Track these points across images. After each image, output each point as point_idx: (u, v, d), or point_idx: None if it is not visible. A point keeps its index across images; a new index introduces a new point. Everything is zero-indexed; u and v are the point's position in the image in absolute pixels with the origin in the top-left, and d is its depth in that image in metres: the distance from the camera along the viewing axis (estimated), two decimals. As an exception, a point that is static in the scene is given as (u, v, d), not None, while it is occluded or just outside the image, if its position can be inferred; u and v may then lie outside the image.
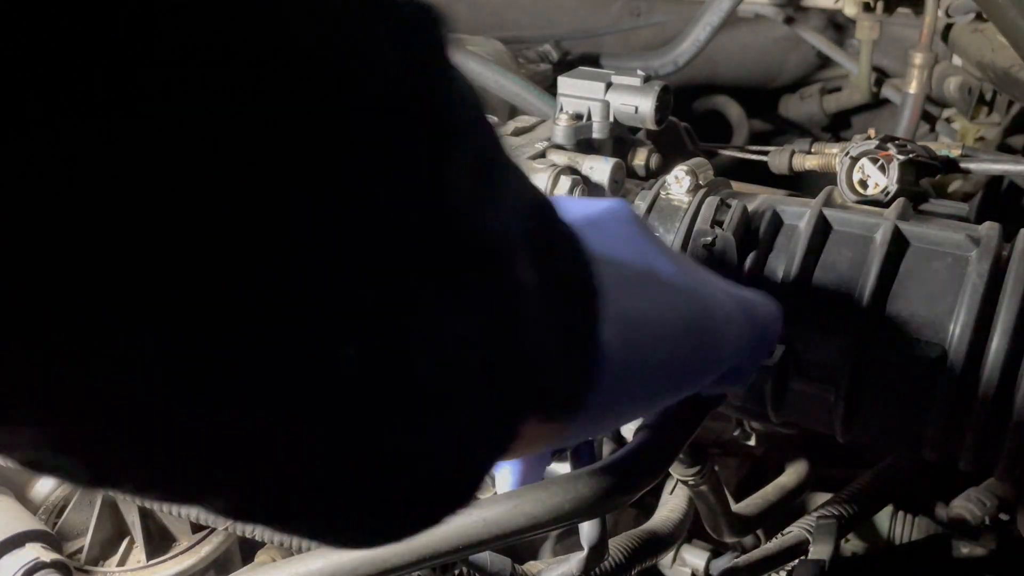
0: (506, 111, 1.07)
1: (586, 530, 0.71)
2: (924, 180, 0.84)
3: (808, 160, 0.97)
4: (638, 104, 0.84)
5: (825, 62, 1.72)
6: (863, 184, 0.80)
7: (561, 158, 0.84)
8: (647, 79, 0.85)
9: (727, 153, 1.11)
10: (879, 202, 0.79)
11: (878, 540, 0.99)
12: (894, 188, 0.79)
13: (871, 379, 0.72)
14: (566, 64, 1.41)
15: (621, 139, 0.89)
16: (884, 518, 1.00)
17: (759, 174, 1.04)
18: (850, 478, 0.90)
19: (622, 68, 0.96)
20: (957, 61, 1.43)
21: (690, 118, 1.10)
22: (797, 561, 0.82)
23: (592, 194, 0.83)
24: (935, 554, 0.89)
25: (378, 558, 0.58)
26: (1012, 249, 0.71)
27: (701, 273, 0.52)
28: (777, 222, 0.78)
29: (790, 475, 1.00)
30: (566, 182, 0.80)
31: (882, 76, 1.60)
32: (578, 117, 0.85)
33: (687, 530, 0.89)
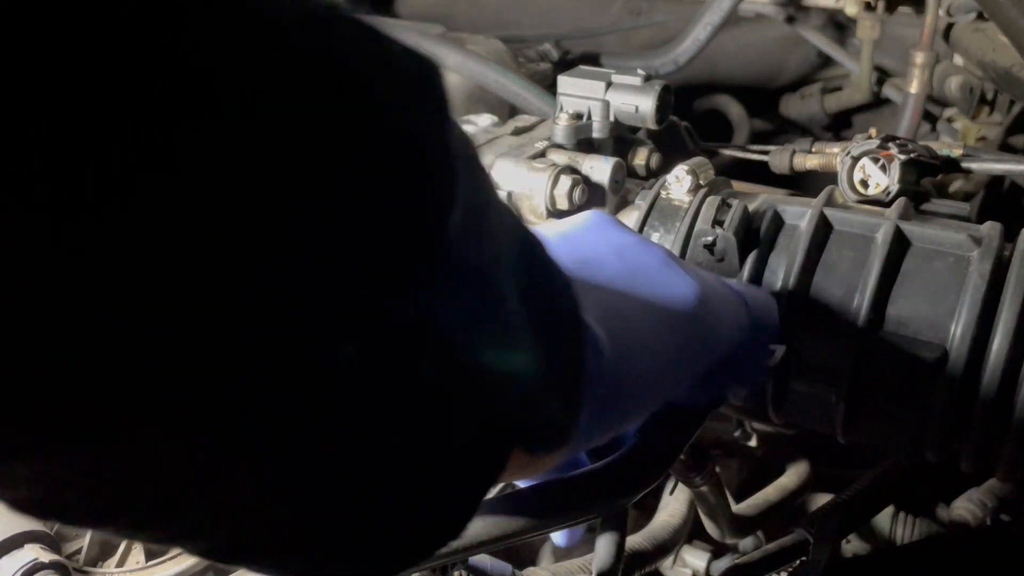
0: (506, 110, 1.07)
1: (601, 548, 0.69)
2: (925, 180, 0.84)
3: (809, 160, 0.97)
4: (638, 103, 0.83)
5: (826, 61, 1.71)
6: (864, 184, 0.80)
7: (561, 157, 0.84)
8: (647, 78, 0.85)
9: (728, 153, 1.11)
10: (880, 202, 0.79)
11: (879, 541, 0.99)
12: (895, 188, 0.78)
13: (872, 379, 0.72)
14: (566, 63, 1.40)
15: (621, 138, 0.89)
16: (885, 519, 1.00)
17: (760, 174, 1.04)
18: (850, 478, 0.90)
19: (622, 67, 0.96)
20: (958, 60, 1.43)
21: (691, 117, 1.10)
22: (798, 562, 0.82)
23: (592, 194, 0.83)
24: (936, 555, 0.89)
25: (377, 559, 0.57)
26: (1014, 249, 0.71)
27: (688, 267, 0.52)
28: (778, 222, 0.77)
29: (791, 476, 0.99)
30: (566, 182, 0.80)
31: (883, 75, 1.60)
32: (578, 116, 0.85)
33: (688, 531, 0.89)
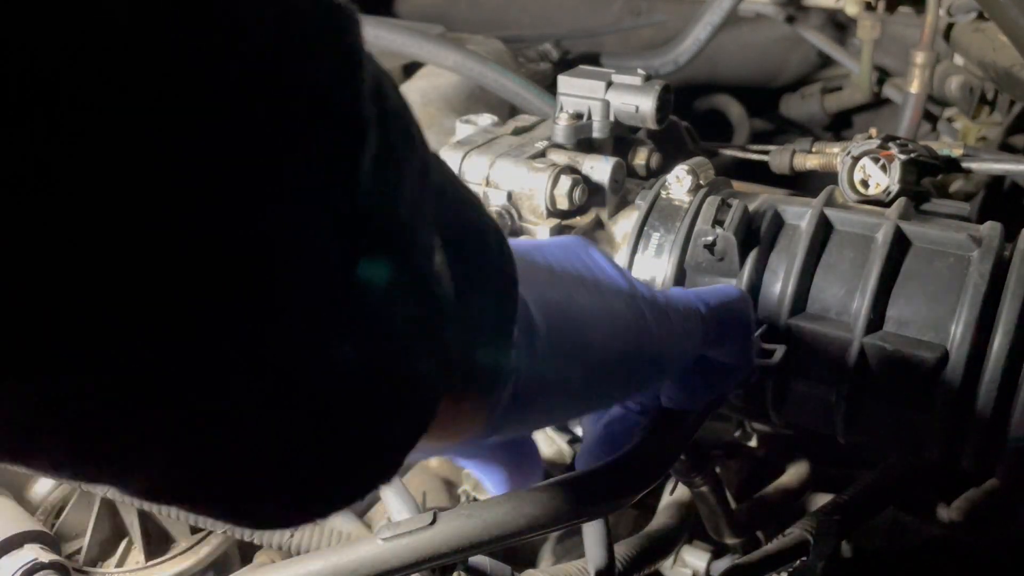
0: (506, 110, 1.07)
1: (590, 542, 0.70)
2: (925, 180, 0.84)
3: (809, 160, 0.97)
4: (639, 103, 0.83)
5: (826, 61, 1.71)
6: (864, 184, 0.80)
7: (561, 157, 0.84)
8: (648, 78, 0.85)
9: (728, 152, 1.11)
10: (880, 202, 0.79)
11: (879, 541, 0.99)
12: (895, 188, 0.78)
13: (872, 379, 0.72)
14: (566, 63, 1.41)
15: (621, 138, 0.89)
16: (885, 519, 1.00)
17: (760, 174, 1.04)
18: (851, 478, 0.90)
19: (622, 67, 0.96)
20: (959, 60, 1.43)
21: (691, 117, 1.10)
22: (798, 562, 0.82)
23: (592, 194, 0.83)
24: (936, 555, 0.89)
25: (377, 559, 0.57)
26: (1014, 249, 0.71)
27: (645, 285, 0.53)
28: (778, 222, 0.77)
29: (791, 476, 0.99)
30: (566, 182, 0.79)
31: (883, 75, 1.60)
32: (578, 116, 0.85)
33: (688, 531, 0.89)
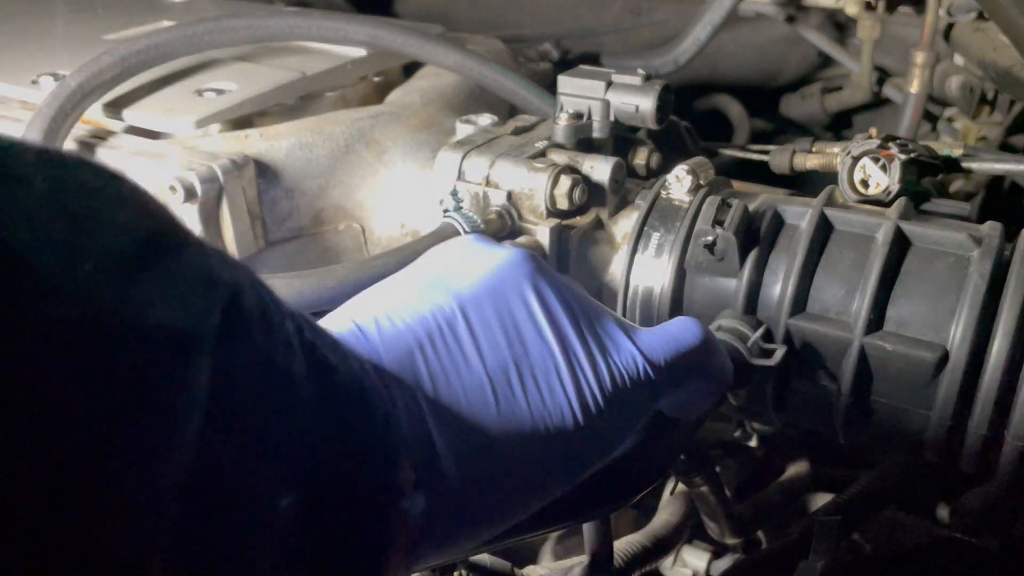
0: (506, 110, 1.07)
1: (589, 537, 0.71)
2: (926, 180, 0.84)
3: (809, 159, 0.97)
4: (639, 103, 0.83)
5: (826, 61, 1.71)
6: (864, 184, 0.80)
7: (561, 157, 0.84)
8: (648, 78, 0.85)
9: (728, 152, 1.11)
10: (880, 202, 0.79)
11: (879, 541, 0.99)
12: (896, 188, 0.78)
13: (872, 380, 0.72)
14: (566, 63, 1.40)
15: (621, 138, 0.89)
16: (885, 518, 1.00)
17: (760, 174, 1.04)
18: (850, 478, 0.90)
19: (623, 67, 0.95)
20: (959, 60, 1.43)
21: (691, 117, 1.10)
22: (798, 562, 0.82)
23: (593, 193, 0.83)
24: (936, 554, 0.89)
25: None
26: (1014, 249, 0.71)
27: (598, 331, 0.50)
28: (778, 222, 0.77)
29: (791, 476, 0.99)
30: (566, 182, 0.80)
31: (883, 75, 1.60)
32: (578, 116, 0.85)
33: (688, 531, 0.89)
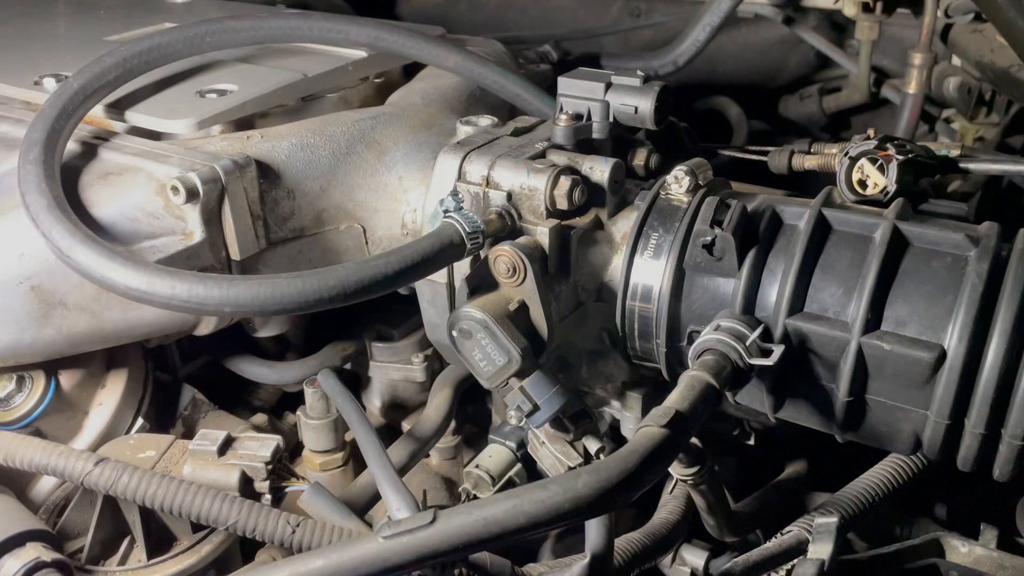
0: (506, 111, 1.07)
1: (591, 535, 0.71)
2: (923, 180, 0.84)
3: (807, 160, 0.97)
4: (638, 104, 0.84)
5: (824, 62, 1.72)
6: (862, 184, 0.80)
7: (561, 158, 0.84)
8: (647, 79, 0.85)
9: (727, 153, 1.11)
10: (878, 202, 0.79)
11: (878, 540, 0.99)
12: (893, 188, 0.79)
13: (870, 379, 0.73)
14: (566, 64, 1.41)
15: (621, 139, 0.89)
16: (884, 518, 1.00)
17: (759, 174, 1.04)
18: (850, 478, 0.90)
19: (622, 68, 0.96)
20: (956, 61, 1.43)
21: (690, 118, 1.10)
22: (796, 561, 0.82)
23: (592, 193, 0.83)
24: (934, 554, 0.89)
25: (378, 557, 0.58)
26: (1011, 249, 0.71)
27: None
28: (777, 222, 0.78)
29: (789, 475, 1.00)
30: (566, 182, 0.80)
31: (881, 76, 1.60)
32: (578, 117, 0.85)
33: (687, 530, 0.89)
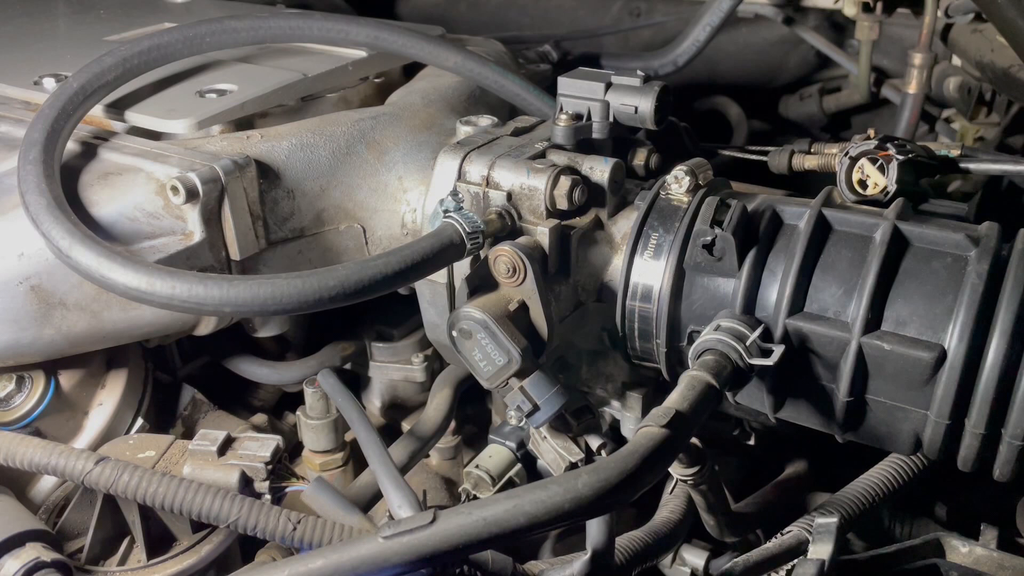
0: (506, 111, 1.07)
1: (592, 533, 0.71)
2: (923, 180, 0.85)
3: (807, 160, 0.97)
4: (638, 104, 0.84)
5: (825, 62, 1.72)
6: (862, 184, 0.80)
7: (561, 158, 0.84)
8: (647, 79, 0.85)
9: (727, 153, 1.12)
10: (878, 202, 0.79)
11: (878, 540, 0.99)
12: (893, 188, 0.79)
13: (870, 379, 0.73)
14: (566, 64, 1.41)
15: (621, 139, 0.89)
16: (884, 518, 1.00)
17: (759, 174, 1.04)
18: (850, 478, 0.90)
19: (622, 68, 0.96)
20: (956, 61, 1.43)
21: (690, 118, 1.10)
22: (796, 561, 0.82)
23: (592, 193, 0.83)
24: (934, 554, 0.89)
25: (378, 557, 0.58)
26: (1011, 249, 0.71)
27: None
28: (777, 222, 0.78)
29: (790, 475, 1.00)
30: (566, 182, 0.80)
31: (881, 76, 1.60)
32: (578, 117, 0.85)
33: (688, 529, 0.89)
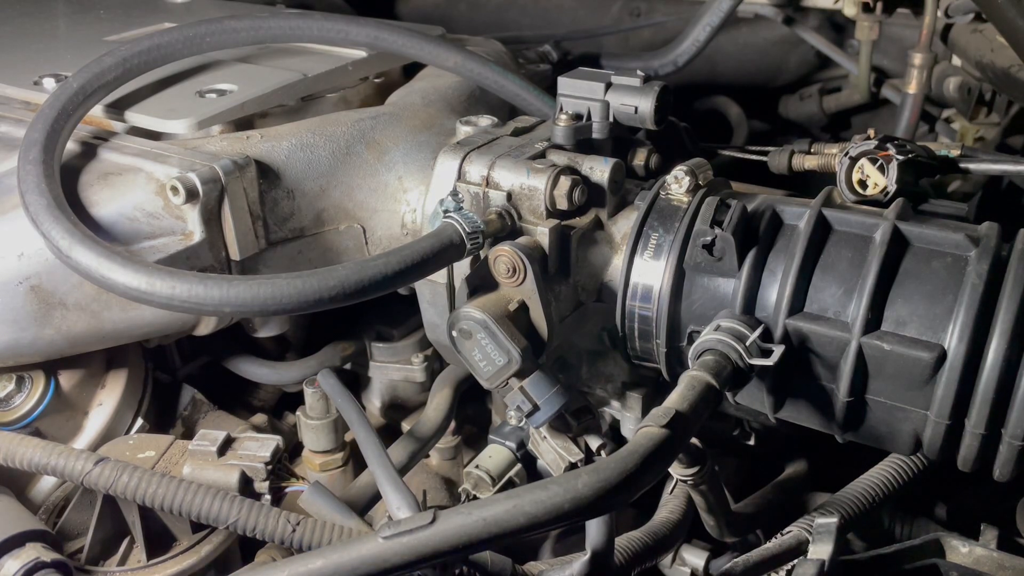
0: (506, 111, 1.07)
1: (592, 533, 0.71)
2: (923, 180, 0.85)
3: (807, 160, 0.97)
4: (638, 104, 0.84)
5: (825, 62, 1.72)
6: (862, 184, 0.80)
7: (561, 158, 0.84)
8: (647, 79, 0.85)
9: (727, 153, 1.12)
10: (878, 202, 0.79)
11: (878, 540, 0.99)
12: (893, 188, 0.79)
13: (870, 379, 0.73)
14: (566, 64, 1.41)
15: (621, 139, 0.89)
16: (884, 518, 1.00)
17: (759, 174, 1.04)
18: (850, 478, 0.90)
19: (622, 68, 0.96)
20: (956, 61, 1.43)
21: (690, 118, 1.10)
22: (796, 561, 0.82)
23: (592, 193, 0.83)
24: (934, 554, 0.89)
25: (378, 557, 0.58)
26: (1011, 249, 0.71)
27: None
28: (777, 222, 0.78)
29: (789, 475, 1.00)
30: (566, 182, 0.80)
31: (881, 76, 1.60)
32: (578, 117, 0.85)
33: (687, 529, 0.89)
